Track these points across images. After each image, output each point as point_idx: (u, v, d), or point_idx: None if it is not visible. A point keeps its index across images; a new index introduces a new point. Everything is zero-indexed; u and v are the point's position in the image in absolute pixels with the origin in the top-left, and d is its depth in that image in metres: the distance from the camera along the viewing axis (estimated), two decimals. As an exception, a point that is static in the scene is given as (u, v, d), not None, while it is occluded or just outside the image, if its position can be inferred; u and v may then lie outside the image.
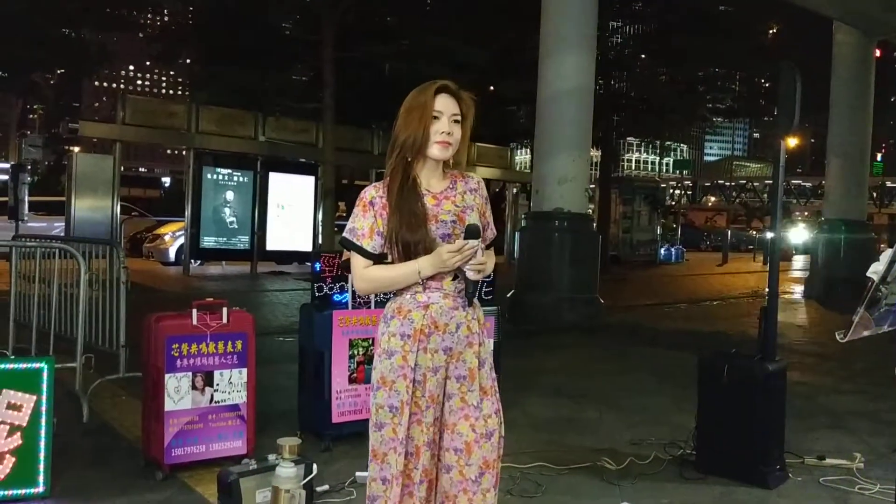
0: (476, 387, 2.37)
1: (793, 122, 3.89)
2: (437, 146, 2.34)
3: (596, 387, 6.48)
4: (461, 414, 2.36)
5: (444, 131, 2.33)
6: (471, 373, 2.37)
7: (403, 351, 2.33)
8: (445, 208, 2.36)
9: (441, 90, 2.36)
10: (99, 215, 13.35)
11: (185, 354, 3.91)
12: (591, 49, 10.50)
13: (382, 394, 2.36)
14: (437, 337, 2.33)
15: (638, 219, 24.20)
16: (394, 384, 2.33)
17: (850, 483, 4.11)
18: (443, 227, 2.33)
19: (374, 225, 2.34)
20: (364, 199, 2.37)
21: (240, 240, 15.68)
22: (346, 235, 2.38)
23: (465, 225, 2.33)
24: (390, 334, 2.36)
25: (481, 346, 2.41)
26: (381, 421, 2.36)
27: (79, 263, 5.30)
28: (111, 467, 4.09)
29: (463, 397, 2.37)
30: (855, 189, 15.43)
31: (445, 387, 2.36)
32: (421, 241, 2.28)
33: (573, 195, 10.18)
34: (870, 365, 7.76)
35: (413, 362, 2.32)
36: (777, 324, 4.23)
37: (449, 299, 2.35)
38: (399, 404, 2.32)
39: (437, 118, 2.33)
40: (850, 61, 15.01)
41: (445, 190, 2.41)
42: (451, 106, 2.36)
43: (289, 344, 7.91)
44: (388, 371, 2.35)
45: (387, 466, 2.35)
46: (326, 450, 4.39)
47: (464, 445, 2.34)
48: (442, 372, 2.35)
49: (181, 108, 15.82)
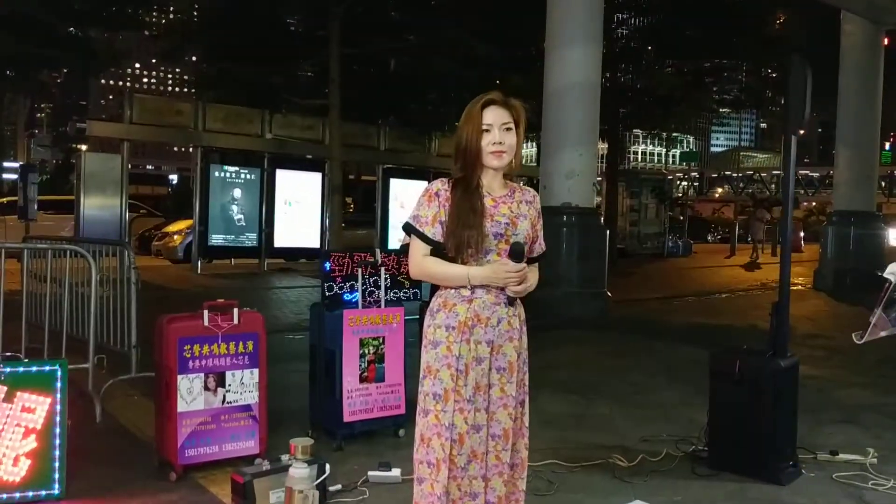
0: (515, 379, 2.58)
1: (804, 115, 3.86)
2: (491, 156, 2.53)
3: (606, 382, 6.47)
4: (500, 403, 2.55)
5: (496, 142, 2.52)
6: (510, 365, 2.57)
7: (448, 342, 2.51)
8: (502, 211, 2.56)
9: (489, 104, 2.55)
10: (108, 214, 13.39)
11: (196, 356, 3.92)
12: (597, 43, 10.46)
13: (428, 382, 2.54)
14: (479, 329, 2.51)
15: (645, 211, 24.11)
16: (438, 372, 2.51)
17: (864, 479, 4.09)
18: (497, 227, 2.52)
19: (437, 214, 2.53)
20: (431, 191, 2.57)
21: (248, 237, 15.71)
22: (410, 221, 2.56)
23: (516, 228, 2.55)
24: (436, 326, 2.54)
25: (520, 341, 2.61)
26: (427, 407, 2.53)
27: (89, 264, 5.32)
28: (125, 468, 4.11)
29: (503, 388, 2.56)
30: (864, 180, 15.34)
31: (489, 377, 2.53)
32: (475, 233, 2.46)
33: (581, 189, 10.16)
34: (880, 358, 7.74)
35: (457, 352, 2.49)
36: (788, 317, 4.20)
37: (491, 295, 2.53)
38: (443, 392, 2.49)
39: (487, 131, 2.53)
40: (858, 51, 14.91)
41: (504, 196, 2.61)
42: (501, 116, 2.54)
43: (297, 342, 7.93)
44: (433, 360, 2.53)
45: (431, 451, 2.51)
46: (338, 449, 4.40)
47: (502, 432, 2.55)
48: (486, 363, 2.52)
49: (188, 106, 15.83)
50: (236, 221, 15.54)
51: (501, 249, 2.52)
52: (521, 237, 2.55)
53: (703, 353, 7.37)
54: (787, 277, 4.08)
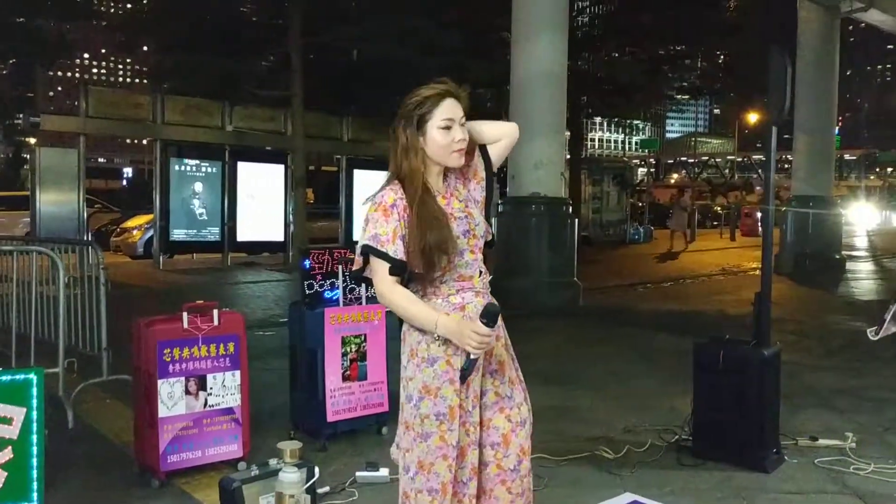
0: (507, 378, 2.41)
1: (784, 107, 3.89)
2: (456, 155, 2.31)
3: (583, 372, 6.50)
4: (496, 408, 2.38)
5: (460, 139, 2.30)
6: (501, 366, 2.40)
7: (447, 356, 2.28)
8: (455, 206, 2.35)
9: (444, 96, 2.30)
10: (65, 210, 13.04)
11: (176, 359, 3.82)
12: (563, 32, 10.45)
13: (427, 403, 2.29)
14: None
15: (607, 199, 24.31)
16: (439, 391, 2.28)
17: (845, 463, 4.16)
18: (461, 224, 2.31)
19: (398, 228, 2.24)
20: (384, 204, 2.26)
21: (210, 231, 15.44)
22: (369, 243, 2.25)
23: (473, 217, 2.34)
24: (430, 341, 2.29)
25: (505, 337, 2.46)
26: (428, 431, 2.29)
27: (57, 266, 5.16)
28: (104, 476, 3.99)
29: (497, 391, 2.39)
30: (821, 165, 15.65)
31: (482, 383, 2.37)
32: (445, 241, 2.23)
33: (549, 180, 10.18)
34: (846, 342, 7.92)
35: (458, 365, 2.28)
36: (770, 307, 4.24)
37: (480, 297, 2.34)
38: (447, 410, 2.28)
39: (448, 128, 2.28)
40: (814, 38, 15.16)
41: (447, 190, 2.39)
42: (457, 110, 2.31)
43: (269, 338, 7.84)
44: (431, 379, 2.29)
45: (434, 476, 2.30)
46: (322, 449, 4.34)
47: (501, 438, 2.37)
48: (481, 370, 2.35)
49: (146, 98, 15.45)
50: (198, 216, 15.26)
51: (472, 246, 2.32)
52: (480, 227, 2.35)
53: (677, 339, 7.54)
54: (769, 268, 4.11)
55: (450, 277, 2.30)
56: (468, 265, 2.32)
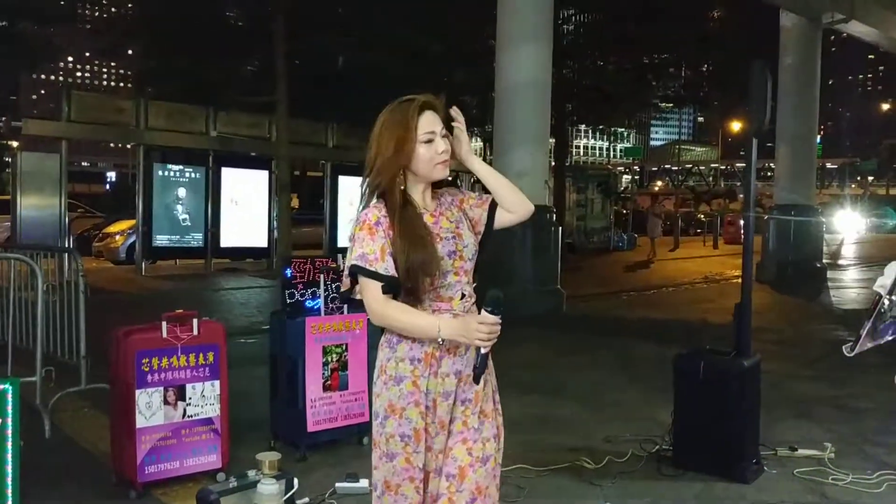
0: (478, 409, 2.26)
1: (765, 119, 3.92)
2: (440, 168, 2.24)
3: (565, 381, 6.50)
4: (459, 437, 2.24)
5: (444, 150, 2.23)
6: (476, 396, 2.27)
7: (413, 376, 2.19)
8: (444, 225, 2.26)
9: (423, 108, 2.22)
10: (46, 215, 12.96)
11: (155, 369, 3.79)
12: (548, 41, 10.50)
13: (392, 422, 2.20)
14: (448, 360, 2.20)
15: (591, 206, 24.39)
16: (404, 412, 2.19)
17: (824, 474, 4.18)
18: (447, 244, 2.22)
19: (385, 247, 2.15)
20: (368, 222, 2.18)
21: (193, 237, 15.36)
22: (357, 263, 2.15)
23: (462, 239, 2.25)
24: (398, 359, 2.21)
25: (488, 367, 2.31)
26: (393, 451, 2.20)
27: (35, 273, 5.10)
28: (81, 487, 3.95)
29: (465, 420, 2.25)
30: (803, 173, 15.77)
31: (452, 411, 2.24)
32: (429, 261, 2.14)
33: (532, 188, 10.15)
34: (826, 351, 7.96)
35: (424, 388, 2.18)
36: (751, 318, 4.26)
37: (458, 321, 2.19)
38: (412, 432, 2.19)
39: (431, 141, 2.21)
40: (796, 48, 15.30)
41: (437, 207, 2.30)
42: (437, 121, 2.24)
43: (250, 346, 7.78)
44: (396, 398, 2.20)
45: (402, 498, 2.21)
46: (302, 459, 4.31)
47: (457, 470, 2.21)
48: (452, 397, 2.22)
49: (129, 103, 15.38)
50: (181, 221, 15.19)
51: (458, 268, 2.22)
52: (469, 249, 2.26)
53: (659, 348, 7.55)
54: (750, 278, 4.13)
55: (427, 297, 2.20)
56: (450, 287, 2.22)
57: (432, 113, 2.24)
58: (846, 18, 16.06)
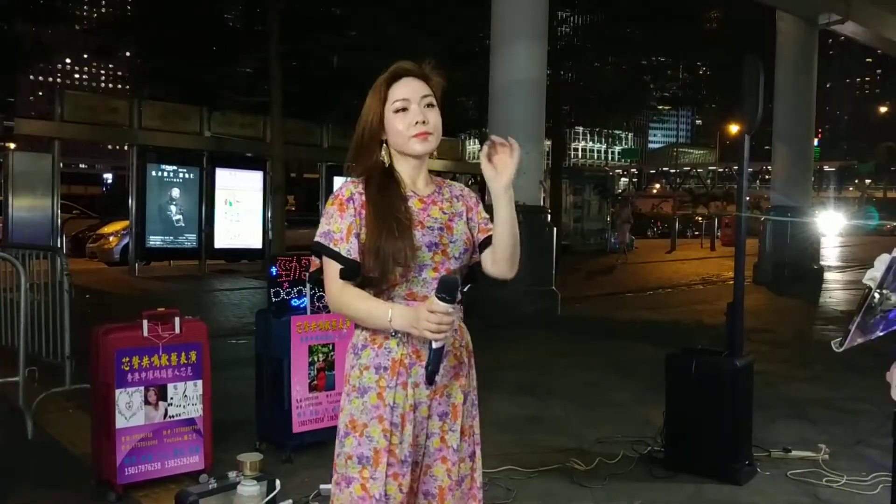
0: (458, 426, 2.02)
1: (757, 116, 3.85)
2: (415, 140, 1.97)
3: (558, 382, 6.43)
4: (438, 455, 2.01)
5: (419, 121, 1.96)
6: (454, 409, 2.02)
7: (379, 387, 1.93)
8: (433, 214, 2.00)
9: (399, 75, 1.99)
10: (38, 216, 12.85)
11: (136, 368, 3.71)
12: (542, 40, 10.45)
13: (352, 441, 1.94)
14: (419, 368, 1.94)
15: (588, 208, 24.36)
16: (366, 428, 1.92)
17: (818, 476, 4.11)
18: (429, 234, 1.97)
19: (352, 226, 1.93)
20: (341, 197, 1.97)
21: (187, 238, 15.29)
22: (320, 240, 1.95)
23: (452, 234, 2.01)
24: (362, 367, 1.96)
25: (468, 378, 2.07)
26: (349, 475, 1.93)
27: (18, 272, 5.03)
28: (60, 489, 3.88)
29: (443, 437, 2.01)
30: (800, 176, 15.72)
31: (427, 426, 2.00)
32: (403, 250, 1.90)
33: (528, 188, 10.13)
34: (822, 352, 7.89)
35: (391, 401, 1.93)
36: (743, 317, 4.20)
37: None
38: (371, 453, 1.91)
39: (404, 109, 1.97)
40: (793, 50, 15.25)
41: (433, 194, 2.05)
42: (419, 88, 1.99)
43: (241, 347, 7.70)
44: (359, 413, 1.94)
45: None
46: (287, 461, 4.24)
47: (437, 490, 2.02)
48: (423, 409, 1.97)
49: (123, 103, 15.31)
50: (175, 222, 15.11)
51: (438, 263, 1.96)
52: (457, 246, 2.00)
53: (653, 349, 7.48)
54: (742, 278, 4.07)
55: (397, 293, 1.96)
56: (425, 283, 1.96)
57: (414, 79, 2.01)
58: (842, 19, 16.01)
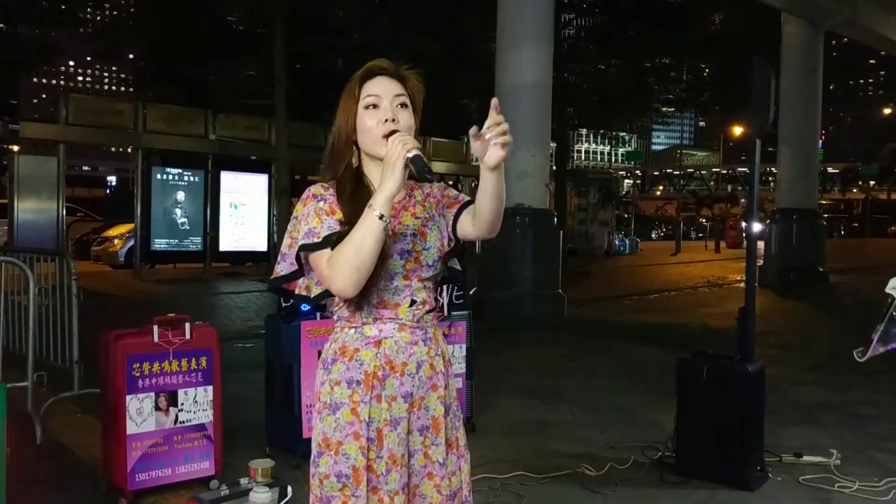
0: (441, 439, 1.92)
1: (768, 119, 3.84)
2: (382, 143, 1.81)
3: (566, 386, 6.41)
4: (424, 473, 1.91)
5: (388, 119, 1.84)
6: (435, 422, 1.91)
7: (352, 402, 1.83)
8: (404, 221, 1.90)
9: (371, 74, 1.89)
10: (44, 219, 12.89)
11: (146, 374, 3.70)
12: (548, 43, 10.45)
13: (327, 460, 1.84)
14: (394, 380, 1.85)
15: (593, 211, 24.33)
16: (341, 446, 1.83)
17: (830, 481, 4.09)
18: (401, 242, 1.87)
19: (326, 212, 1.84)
20: (309, 194, 1.88)
21: (192, 241, 15.31)
22: (304, 241, 1.82)
23: (425, 240, 1.90)
24: (333, 383, 1.85)
25: (447, 388, 1.95)
26: (329, 495, 1.84)
27: (26, 275, 5.03)
28: (71, 494, 3.87)
29: (426, 452, 1.91)
30: (805, 177, 15.71)
31: (408, 442, 1.89)
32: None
33: (533, 191, 10.14)
34: (829, 355, 7.88)
35: (366, 416, 1.82)
36: (754, 322, 4.18)
37: (406, 332, 1.88)
38: (351, 471, 1.83)
39: (375, 106, 1.86)
40: (798, 52, 15.25)
41: (403, 199, 1.93)
42: (392, 87, 1.89)
43: (248, 350, 7.70)
44: (332, 430, 1.84)
45: None
46: (297, 467, 4.21)
47: None
48: (404, 425, 1.86)
49: (127, 106, 15.34)
50: (180, 225, 15.13)
51: (409, 271, 1.87)
52: (431, 254, 1.90)
53: (660, 353, 7.48)
54: (753, 283, 4.05)
55: (367, 302, 1.85)
56: (396, 291, 1.87)
57: (388, 79, 1.90)
58: (847, 21, 16.00)
